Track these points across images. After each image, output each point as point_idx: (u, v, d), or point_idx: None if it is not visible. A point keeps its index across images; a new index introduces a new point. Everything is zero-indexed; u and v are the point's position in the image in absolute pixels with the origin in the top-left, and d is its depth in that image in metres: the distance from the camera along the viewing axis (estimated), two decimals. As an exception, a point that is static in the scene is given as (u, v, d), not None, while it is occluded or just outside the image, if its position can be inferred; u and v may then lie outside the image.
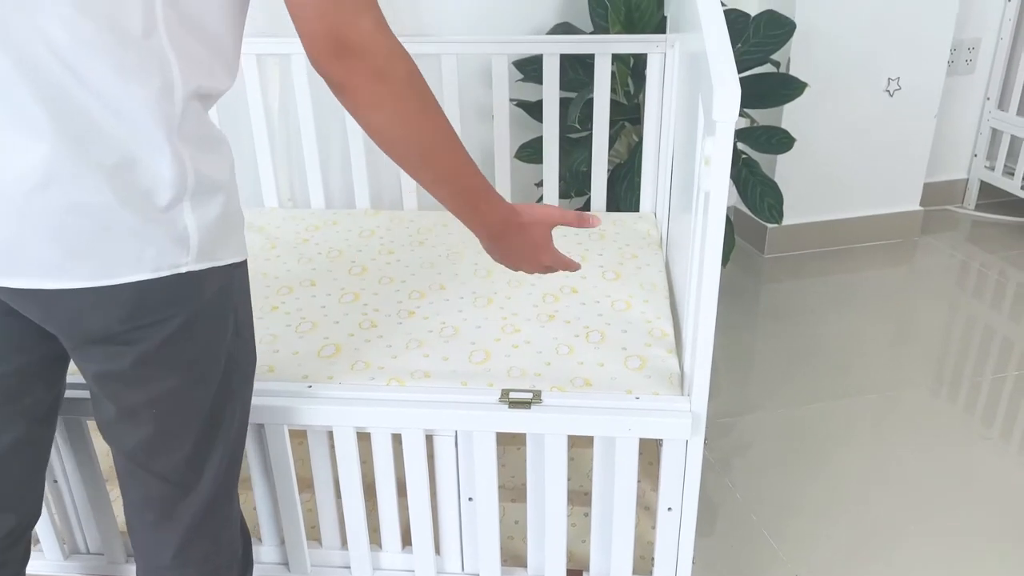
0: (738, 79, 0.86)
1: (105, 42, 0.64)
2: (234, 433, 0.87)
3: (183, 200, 0.71)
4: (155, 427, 0.80)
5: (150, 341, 0.74)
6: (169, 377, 0.78)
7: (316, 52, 0.71)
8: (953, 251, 2.45)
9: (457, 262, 1.41)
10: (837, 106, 2.25)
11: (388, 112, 0.75)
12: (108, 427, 0.83)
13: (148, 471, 0.84)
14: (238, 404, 0.86)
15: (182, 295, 0.74)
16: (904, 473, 1.60)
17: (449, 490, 1.10)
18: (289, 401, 1.05)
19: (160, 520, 0.86)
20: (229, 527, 0.92)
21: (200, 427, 0.82)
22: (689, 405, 1.02)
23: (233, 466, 0.89)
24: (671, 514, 1.08)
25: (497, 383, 1.08)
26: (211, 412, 0.82)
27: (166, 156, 0.69)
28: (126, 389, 0.78)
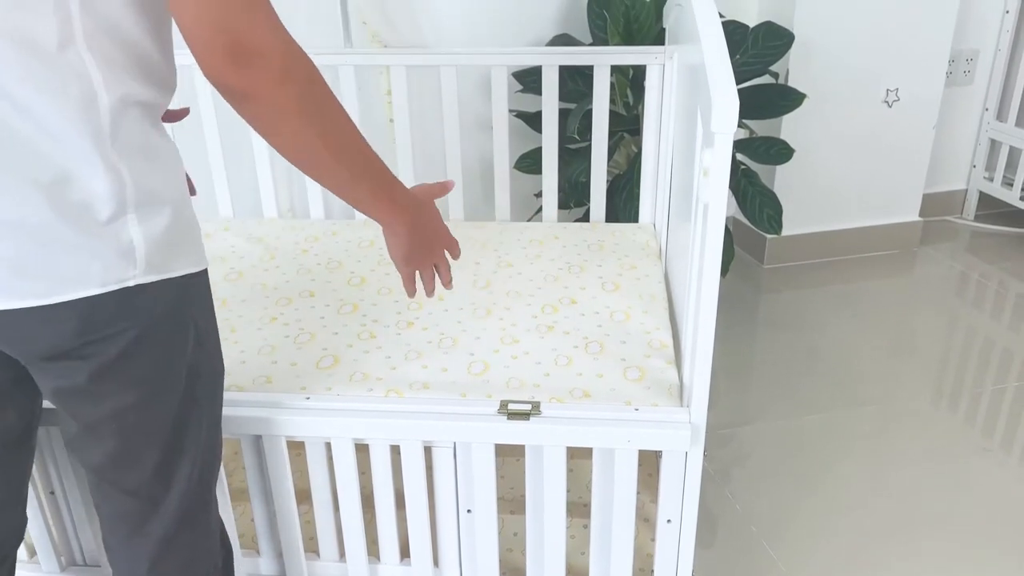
0: (736, 91, 0.86)
1: (20, 58, 0.64)
2: (203, 444, 0.85)
3: (126, 213, 0.70)
4: (118, 442, 0.80)
5: (104, 356, 0.74)
6: (127, 391, 0.77)
7: (212, 61, 0.66)
8: (952, 262, 2.45)
9: (456, 273, 1.40)
10: (836, 117, 2.26)
11: (296, 115, 0.72)
12: (72, 443, 0.83)
13: (115, 486, 0.83)
14: (205, 415, 0.85)
15: (133, 309, 0.73)
16: (904, 484, 1.59)
17: (448, 502, 1.09)
18: (287, 413, 1.04)
19: (132, 534, 0.86)
20: (206, 538, 0.91)
21: (165, 440, 0.81)
22: (688, 416, 1.02)
23: (206, 477, 0.87)
24: (670, 526, 1.07)
25: (496, 394, 1.08)
26: (175, 425, 0.81)
27: (99, 169, 0.68)
28: (84, 405, 0.78)
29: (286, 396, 1.07)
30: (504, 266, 1.43)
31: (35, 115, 0.65)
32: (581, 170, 1.87)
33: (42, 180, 0.67)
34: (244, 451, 1.09)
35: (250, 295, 1.35)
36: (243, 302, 1.32)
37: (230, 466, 1.42)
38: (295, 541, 1.13)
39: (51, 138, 0.66)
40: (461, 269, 1.42)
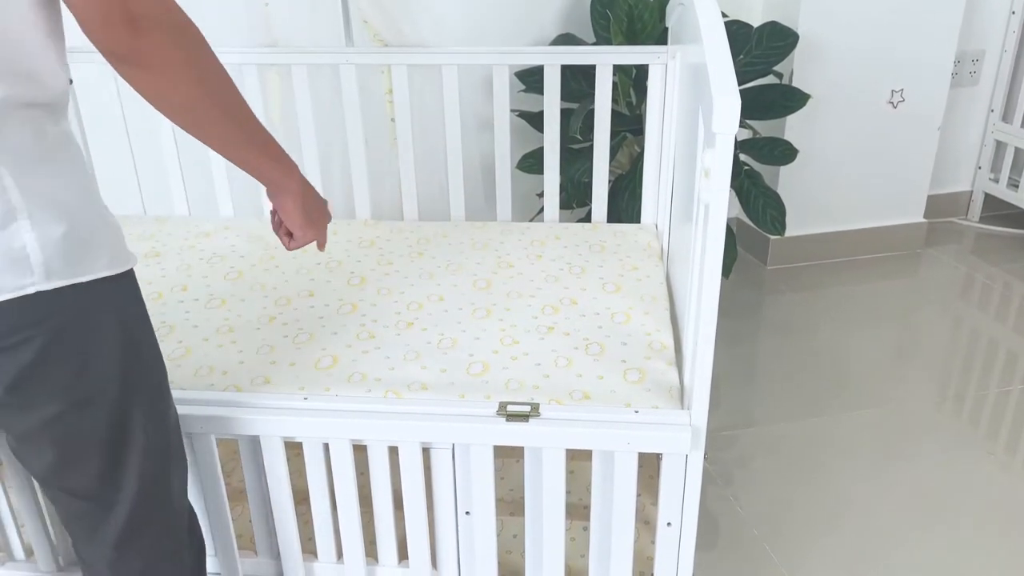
0: (738, 91, 0.85)
1: None
2: (148, 449, 0.83)
3: (16, 219, 0.68)
4: (56, 451, 0.78)
5: (15, 366, 0.72)
6: (49, 402, 0.75)
7: (104, 29, 0.66)
8: (957, 263, 2.44)
9: (456, 273, 1.40)
10: (840, 118, 2.25)
11: (188, 77, 0.72)
12: (14, 452, 0.82)
13: (63, 491, 0.82)
14: (152, 418, 0.83)
15: (36, 316, 0.71)
16: (907, 488, 1.58)
17: (446, 504, 1.08)
18: (284, 413, 1.04)
19: (90, 535, 0.85)
20: (170, 536, 0.90)
21: (105, 446, 0.80)
22: (689, 419, 1.01)
23: (163, 477, 0.86)
24: (671, 529, 1.07)
25: (495, 396, 1.07)
26: (113, 430, 0.80)
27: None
28: (11, 417, 0.76)
29: (284, 397, 1.06)
30: (505, 266, 1.43)
31: None
32: (583, 170, 1.86)
33: None
34: (242, 452, 1.09)
35: (249, 295, 1.34)
36: (242, 302, 1.32)
37: (228, 466, 1.41)
38: (293, 542, 1.12)
39: None
40: (461, 269, 1.42)
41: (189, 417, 1.04)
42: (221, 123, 0.79)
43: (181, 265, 1.44)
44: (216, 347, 1.19)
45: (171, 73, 0.71)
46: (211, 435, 1.06)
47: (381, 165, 1.85)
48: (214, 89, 0.76)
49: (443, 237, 1.55)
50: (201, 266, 1.44)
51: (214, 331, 1.23)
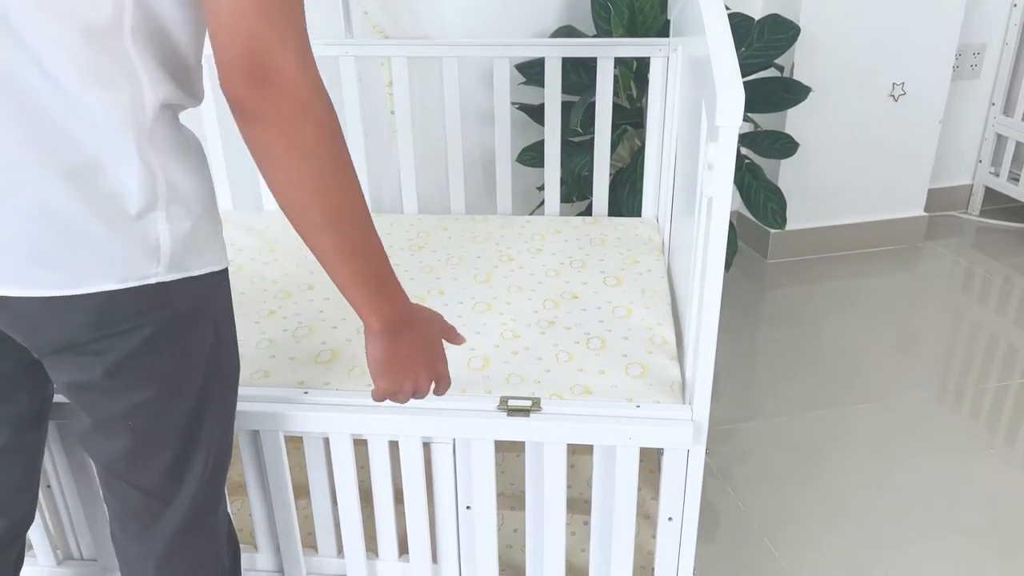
0: (742, 84, 0.84)
1: (69, 40, 0.63)
2: (216, 443, 0.85)
3: (155, 209, 0.70)
4: (132, 439, 0.79)
5: (119, 351, 0.73)
6: (143, 388, 0.76)
7: (231, 73, 0.64)
8: (958, 257, 2.43)
9: (457, 267, 1.40)
10: (841, 111, 2.24)
11: (303, 154, 0.67)
12: (84, 438, 0.82)
13: (127, 482, 0.82)
14: (221, 414, 0.84)
15: (151, 306, 0.72)
16: (907, 482, 1.58)
17: (447, 498, 1.08)
18: (284, 407, 1.03)
19: (142, 531, 0.85)
20: (215, 538, 0.90)
21: (179, 438, 0.80)
22: (691, 414, 1.01)
23: (217, 476, 0.87)
24: (672, 524, 1.06)
25: (496, 390, 1.07)
26: (190, 423, 0.80)
27: (134, 163, 0.68)
28: (98, 400, 0.77)
29: (284, 391, 1.06)
30: (505, 260, 1.42)
31: (74, 99, 0.64)
32: (584, 163, 1.85)
33: (70, 167, 0.66)
34: (241, 446, 1.08)
35: (249, 288, 1.33)
36: (242, 295, 1.31)
37: (229, 460, 1.41)
38: (293, 537, 1.12)
39: (89, 126, 0.65)
40: (462, 263, 1.41)
41: (189, 411, 1.04)
42: (316, 222, 0.71)
43: (180, 258, 1.43)
44: (215, 341, 1.18)
45: (284, 143, 0.66)
46: (211, 429, 1.05)
47: (381, 158, 1.84)
48: (325, 186, 0.69)
49: (443, 230, 1.55)
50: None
51: (213, 325, 1.23)
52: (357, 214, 0.73)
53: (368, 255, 0.76)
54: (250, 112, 0.66)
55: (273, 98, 0.64)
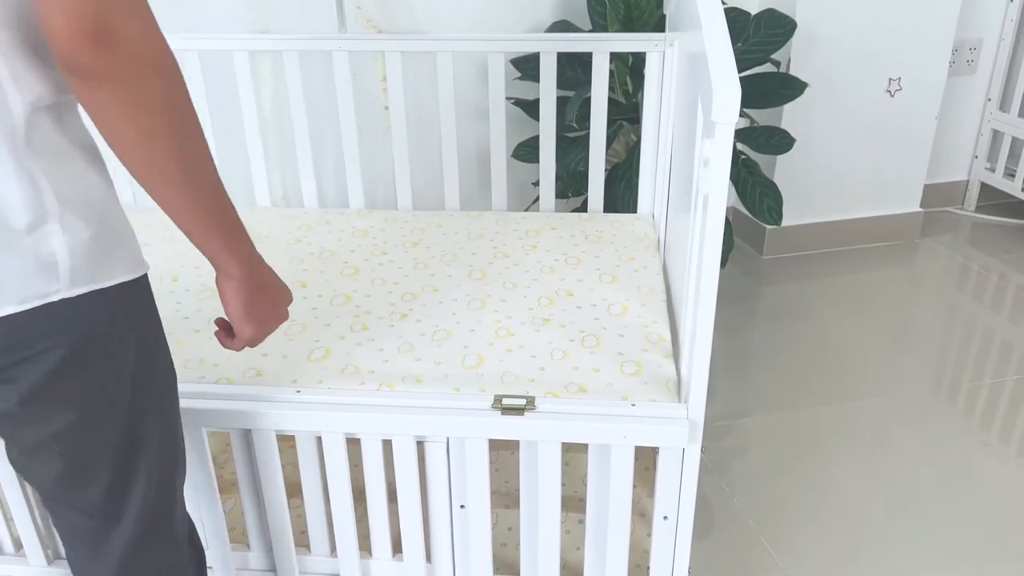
0: (738, 80, 0.83)
1: None
2: (160, 454, 0.81)
3: (46, 222, 0.65)
4: (64, 464, 0.75)
5: (33, 376, 0.69)
6: (65, 412, 0.72)
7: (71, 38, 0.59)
8: (953, 253, 2.43)
9: (451, 264, 1.39)
10: (838, 106, 2.23)
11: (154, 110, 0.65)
12: (17, 465, 0.78)
13: (67, 505, 0.79)
14: (160, 424, 0.81)
15: (60, 325, 0.68)
16: (903, 478, 1.58)
17: (441, 497, 1.07)
18: (277, 407, 1.02)
19: (92, 552, 0.81)
20: (174, 548, 0.87)
21: (115, 457, 0.77)
22: (686, 412, 1.00)
23: (167, 485, 0.83)
24: (667, 523, 1.06)
25: (490, 388, 1.06)
26: (125, 440, 0.77)
27: (12, 177, 0.63)
28: (20, 429, 0.73)
29: (276, 389, 1.05)
30: (500, 257, 1.41)
31: None
32: (579, 159, 1.84)
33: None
34: (233, 445, 1.07)
35: (241, 285, 1.32)
36: (234, 292, 1.29)
37: (220, 458, 1.40)
38: (286, 535, 1.11)
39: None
40: (456, 260, 1.40)
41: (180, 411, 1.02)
42: (175, 175, 0.69)
43: (172, 255, 1.42)
44: (207, 339, 1.17)
45: (130, 97, 0.63)
46: (202, 428, 1.04)
47: (375, 154, 1.83)
48: (180, 135, 0.68)
49: (438, 227, 1.54)
50: (192, 255, 1.40)
51: (205, 322, 1.22)
52: (209, 160, 0.72)
53: (221, 198, 0.75)
54: (94, 74, 0.61)
55: (120, 57, 0.61)
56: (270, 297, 0.87)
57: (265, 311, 0.86)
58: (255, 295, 0.84)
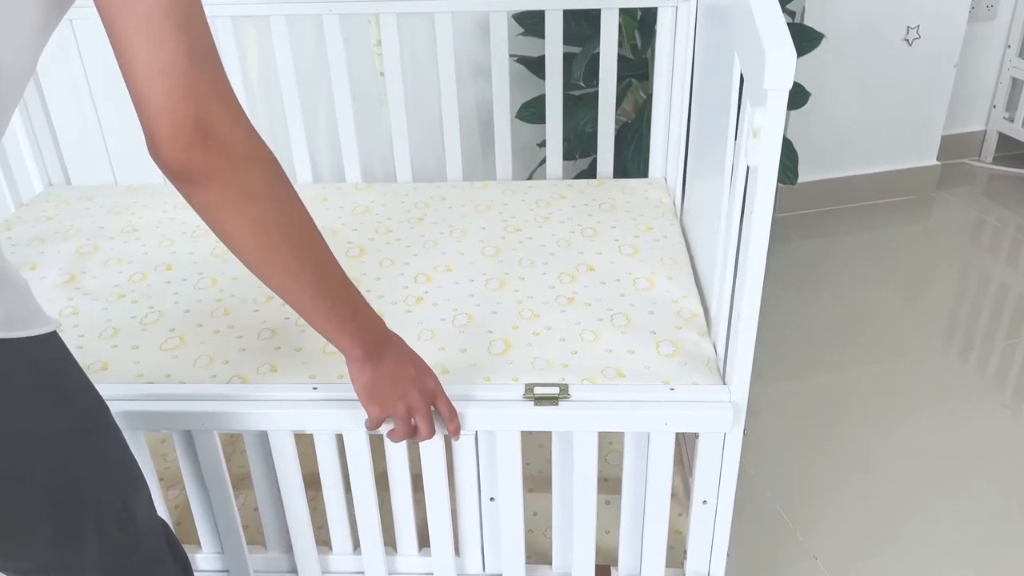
0: (792, 42, 0.76)
1: None
2: (111, 488, 0.73)
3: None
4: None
5: None
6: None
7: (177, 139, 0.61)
8: (969, 207, 2.37)
9: (462, 240, 1.32)
10: (854, 57, 2.15)
11: (264, 201, 0.67)
12: None
13: (15, 571, 0.71)
14: (103, 460, 0.72)
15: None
16: (922, 445, 1.55)
17: (470, 490, 1.02)
18: (293, 406, 0.96)
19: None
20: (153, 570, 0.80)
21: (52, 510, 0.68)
22: (729, 395, 0.95)
23: (128, 515, 0.75)
24: (706, 507, 1.01)
25: (521, 376, 1.00)
26: (59, 491, 0.68)
27: None
28: None
29: (292, 387, 0.98)
30: (512, 231, 1.34)
31: None
32: (587, 120, 1.75)
33: None
34: (247, 447, 1.01)
35: (242, 272, 1.22)
36: (235, 280, 1.22)
37: (227, 449, 1.33)
38: (306, 536, 1.06)
39: None
40: (466, 235, 1.33)
41: (190, 414, 0.96)
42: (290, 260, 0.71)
43: (163, 240, 1.34)
44: (212, 333, 1.10)
45: (239, 192, 0.65)
46: (214, 432, 0.98)
47: (371, 124, 1.73)
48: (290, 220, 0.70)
49: (441, 200, 1.46)
50: (185, 241, 1.33)
51: (208, 315, 1.14)
52: (320, 243, 0.74)
53: (339, 282, 0.77)
54: (202, 175, 0.63)
55: (224, 154, 0.63)
56: (395, 377, 0.86)
57: (387, 392, 0.86)
58: (380, 375, 0.84)
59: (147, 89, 0.59)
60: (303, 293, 0.74)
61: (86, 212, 1.45)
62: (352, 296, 0.79)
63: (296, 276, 0.72)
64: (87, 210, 1.46)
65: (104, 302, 1.18)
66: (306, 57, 1.59)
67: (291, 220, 0.71)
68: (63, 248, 1.32)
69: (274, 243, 0.70)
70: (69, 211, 1.46)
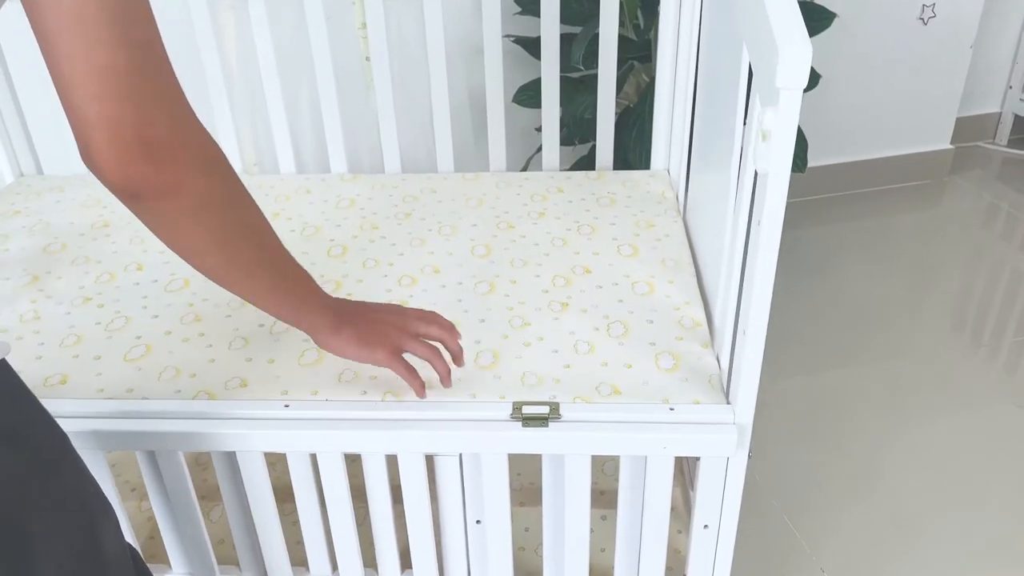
0: (807, 36, 0.68)
1: None
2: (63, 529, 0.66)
3: None
4: None
5: None
6: None
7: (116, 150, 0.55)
8: (982, 191, 2.28)
9: (451, 237, 1.24)
10: (867, 37, 2.05)
11: (222, 206, 0.64)
12: None
13: None
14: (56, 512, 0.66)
15: None
16: (936, 449, 1.48)
17: (454, 512, 0.96)
18: (264, 426, 0.89)
19: None
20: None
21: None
22: (733, 416, 0.88)
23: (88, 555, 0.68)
24: (707, 531, 0.95)
25: (509, 394, 0.93)
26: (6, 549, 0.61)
27: None
28: None
29: (261, 407, 0.91)
30: (505, 228, 1.26)
31: None
32: (586, 106, 1.67)
33: None
34: (216, 467, 0.95)
35: (216, 273, 1.17)
36: (207, 282, 1.14)
37: (203, 457, 1.27)
38: (281, 558, 1.00)
39: None
40: (456, 232, 1.25)
41: (152, 433, 0.89)
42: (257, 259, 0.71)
43: (135, 237, 1.26)
44: (181, 341, 1.03)
45: (193, 203, 0.61)
46: (179, 452, 0.91)
47: (356, 112, 1.64)
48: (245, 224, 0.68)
49: (431, 192, 1.38)
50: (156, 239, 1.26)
51: (178, 320, 1.07)
52: (274, 235, 0.73)
53: (292, 264, 0.77)
54: (151, 189, 0.58)
55: (174, 166, 0.58)
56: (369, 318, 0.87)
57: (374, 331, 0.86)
58: (362, 328, 0.84)
59: (81, 96, 0.54)
60: (265, 289, 0.74)
61: (56, 206, 1.38)
62: (303, 273, 0.79)
63: (258, 275, 0.72)
64: (57, 203, 1.39)
65: (68, 306, 1.11)
66: (286, 41, 1.50)
67: (251, 220, 0.69)
68: (29, 245, 1.25)
69: (238, 247, 0.68)
70: (38, 204, 1.38)
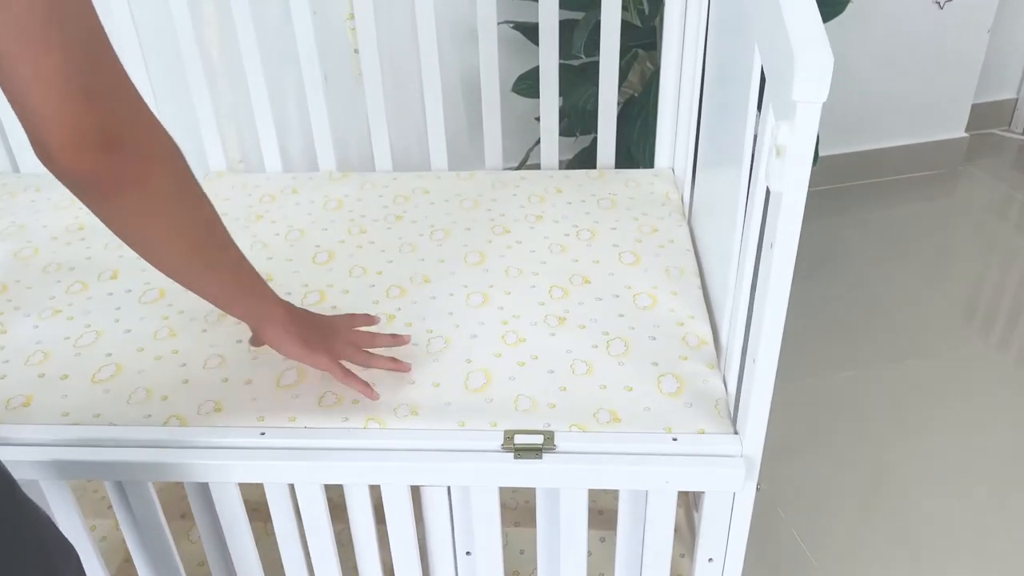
0: (828, 42, 0.61)
1: None
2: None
3: None
4: None
5: None
6: None
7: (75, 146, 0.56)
8: (998, 181, 2.21)
9: (443, 243, 1.17)
10: (881, 22, 1.97)
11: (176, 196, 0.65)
12: None
13: None
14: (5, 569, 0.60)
15: None
16: (952, 454, 1.42)
17: (443, 543, 0.90)
18: (238, 456, 0.83)
19: None
20: None
21: None
22: (740, 447, 0.82)
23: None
24: (712, 565, 0.89)
25: (501, 420, 0.87)
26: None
27: None
28: None
29: (236, 433, 0.86)
30: (500, 233, 1.19)
31: None
32: (588, 96, 1.59)
33: None
34: (189, 496, 0.89)
35: (193, 283, 1.11)
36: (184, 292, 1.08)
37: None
38: (263, 590, 0.95)
39: None
40: (448, 237, 1.19)
41: (119, 463, 0.84)
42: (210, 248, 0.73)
43: (110, 242, 1.19)
44: (153, 359, 0.97)
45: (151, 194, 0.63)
46: (148, 483, 0.86)
47: (345, 107, 1.56)
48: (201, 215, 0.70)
49: (424, 193, 1.31)
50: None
51: (151, 336, 1.01)
52: (227, 233, 0.75)
53: (243, 260, 0.78)
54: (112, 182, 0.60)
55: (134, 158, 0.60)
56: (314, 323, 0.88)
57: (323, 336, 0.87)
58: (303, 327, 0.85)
59: (36, 98, 0.54)
60: (226, 279, 0.76)
61: (31, 206, 1.32)
62: (252, 266, 0.80)
63: (217, 264, 0.74)
64: (32, 203, 1.32)
65: (36, 318, 1.05)
66: (270, 33, 1.42)
67: (207, 209, 0.70)
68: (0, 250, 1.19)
69: (198, 235, 0.70)
70: (12, 205, 1.32)
